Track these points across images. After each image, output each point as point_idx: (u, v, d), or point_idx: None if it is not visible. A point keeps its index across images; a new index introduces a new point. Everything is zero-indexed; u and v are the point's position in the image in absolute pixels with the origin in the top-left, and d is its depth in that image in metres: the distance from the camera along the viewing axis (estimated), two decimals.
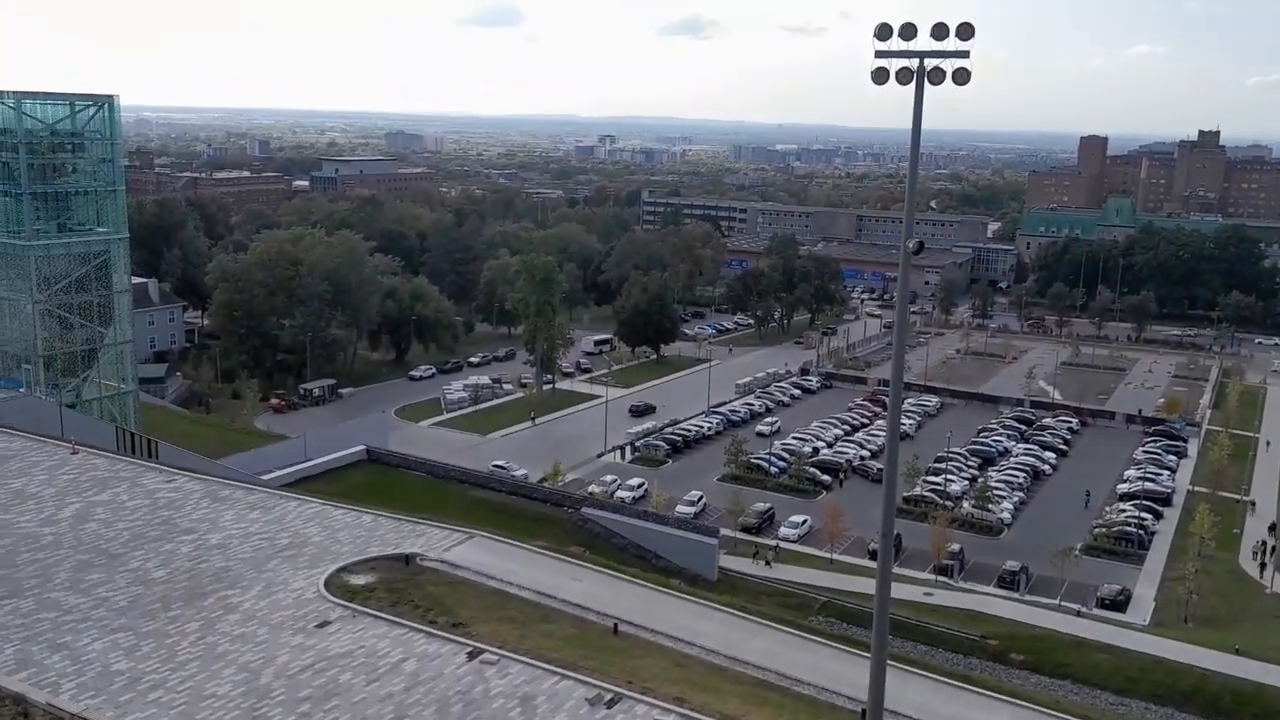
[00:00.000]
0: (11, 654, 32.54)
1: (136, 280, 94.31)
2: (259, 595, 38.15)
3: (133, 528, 45.18)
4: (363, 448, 71.82)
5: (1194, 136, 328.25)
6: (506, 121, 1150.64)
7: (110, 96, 73.94)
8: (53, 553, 41.79)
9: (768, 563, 65.95)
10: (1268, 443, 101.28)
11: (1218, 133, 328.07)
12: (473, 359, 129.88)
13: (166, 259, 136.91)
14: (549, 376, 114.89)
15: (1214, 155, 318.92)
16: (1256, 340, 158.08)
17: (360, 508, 50.67)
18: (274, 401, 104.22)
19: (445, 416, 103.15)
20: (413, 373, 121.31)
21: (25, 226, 69.64)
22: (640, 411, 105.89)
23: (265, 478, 62.07)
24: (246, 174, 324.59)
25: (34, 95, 71.52)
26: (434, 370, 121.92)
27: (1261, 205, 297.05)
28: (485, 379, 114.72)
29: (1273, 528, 75.89)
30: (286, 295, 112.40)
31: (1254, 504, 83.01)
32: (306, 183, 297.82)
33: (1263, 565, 69.85)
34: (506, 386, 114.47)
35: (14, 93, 69.99)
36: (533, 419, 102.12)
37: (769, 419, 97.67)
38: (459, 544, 46.38)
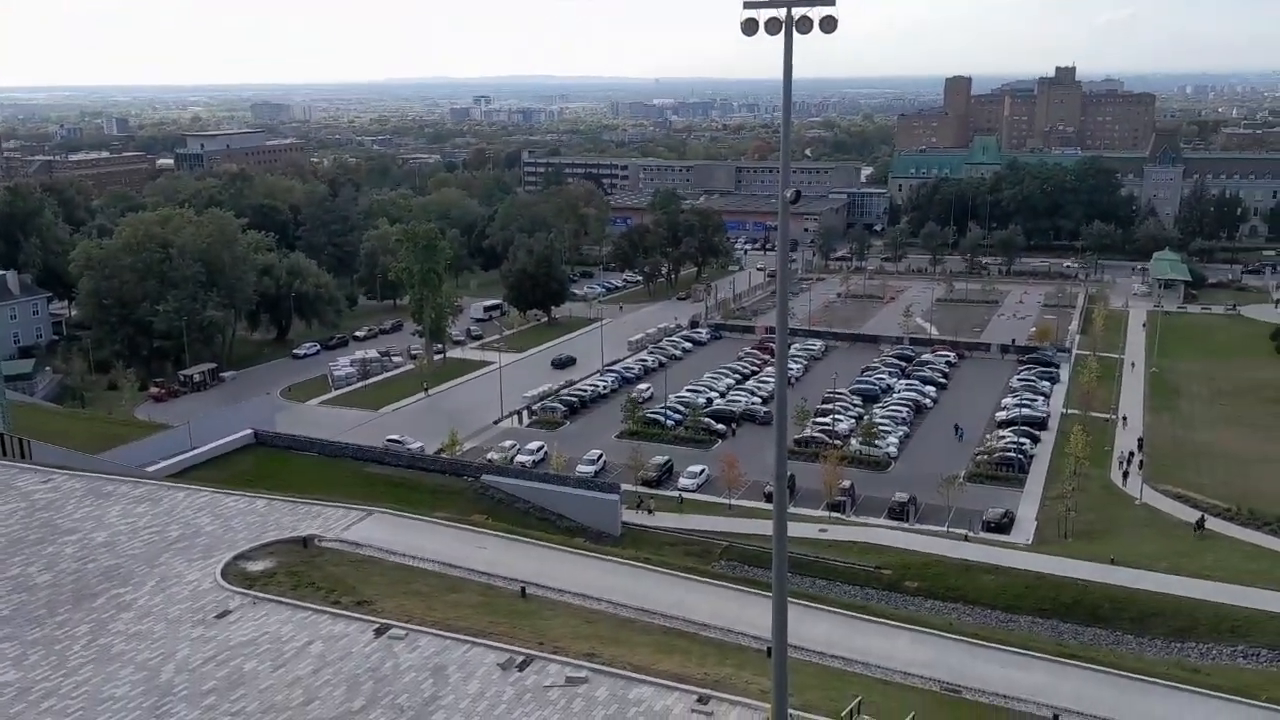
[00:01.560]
0: None
1: None
2: (153, 590, 37.20)
3: (10, 532, 43.38)
4: (250, 431, 70.11)
5: (1052, 74, 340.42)
6: (378, 87, 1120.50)
7: None
8: None
9: (650, 511, 66.95)
10: (1132, 363, 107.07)
11: (1073, 69, 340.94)
12: (358, 333, 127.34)
13: (25, 249, 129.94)
14: (439, 346, 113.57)
15: (1071, 90, 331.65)
16: (1117, 265, 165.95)
17: (252, 493, 49.61)
18: (153, 390, 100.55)
19: (334, 394, 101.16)
20: (296, 351, 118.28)
21: None
22: (562, 364, 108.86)
23: (150, 469, 60.21)
24: (106, 155, 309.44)
25: None
26: (318, 347, 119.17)
27: (1116, 137, 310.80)
28: (373, 353, 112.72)
29: (1140, 442, 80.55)
30: (158, 279, 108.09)
31: (1125, 419, 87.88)
32: (171, 161, 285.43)
33: (1125, 474, 74.29)
34: (396, 359, 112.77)
35: None
36: (425, 390, 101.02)
37: (642, 385, 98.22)
38: (358, 522, 45.94)
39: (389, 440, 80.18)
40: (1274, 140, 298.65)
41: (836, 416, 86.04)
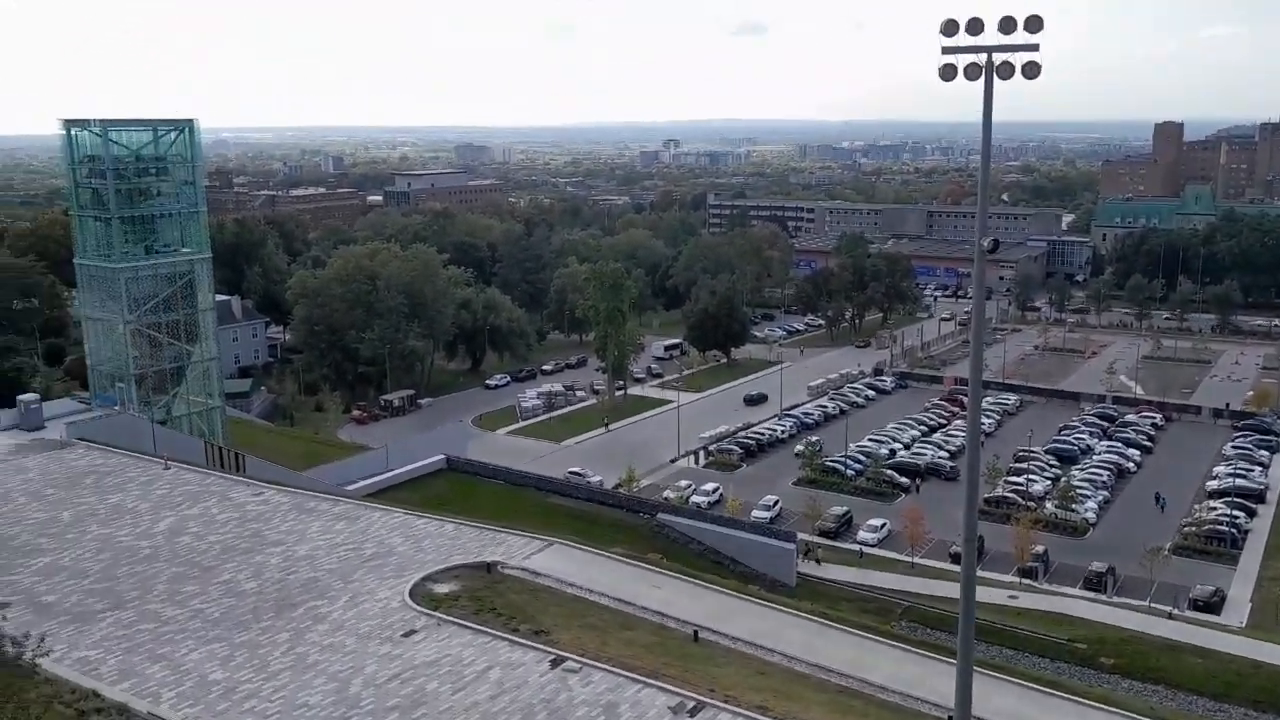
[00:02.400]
0: (115, 664, 33.82)
1: (220, 298, 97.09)
2: (346, 605, 39.06)
3: (224, 540, 46.55)
4: (442, 457, 72.97)
5: (1275, 119, 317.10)
6: (572, 130, 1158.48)
7: (189, 120, 76.30)
8: (150, 565, 43.29)
9: (817, 561, 65.34)
10: None
11: None
12: (545, 367, 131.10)
13: (248, 276, 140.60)
14: (620, 382, 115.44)
15: None
16: None
17: (442, 516, 51.52)
18: (356, 413, 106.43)
19: (520, 424, 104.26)
20: (488, 381, 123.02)
21: (115, 250, 72.20)
22: (754, 401, 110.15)
23: (349, 488, 63.42)
24: (322, 191, 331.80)
25: (119, 123, 74.12)
26: (508, 379, 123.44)
27: None
28: (558, 386, 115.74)
29: None
30: (365, 309, 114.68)
31: None
32: (380, 198, 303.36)
33: None
34: (579, 393, 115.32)
35: (101, 121, 72.59)
36: (606, 425, 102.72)
37: (813, 437, 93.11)
38: (539, 551, 46.91)
39: (570, 472, 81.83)
40: None
41: (1030, 477, 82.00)
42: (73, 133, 72.98)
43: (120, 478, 56.21)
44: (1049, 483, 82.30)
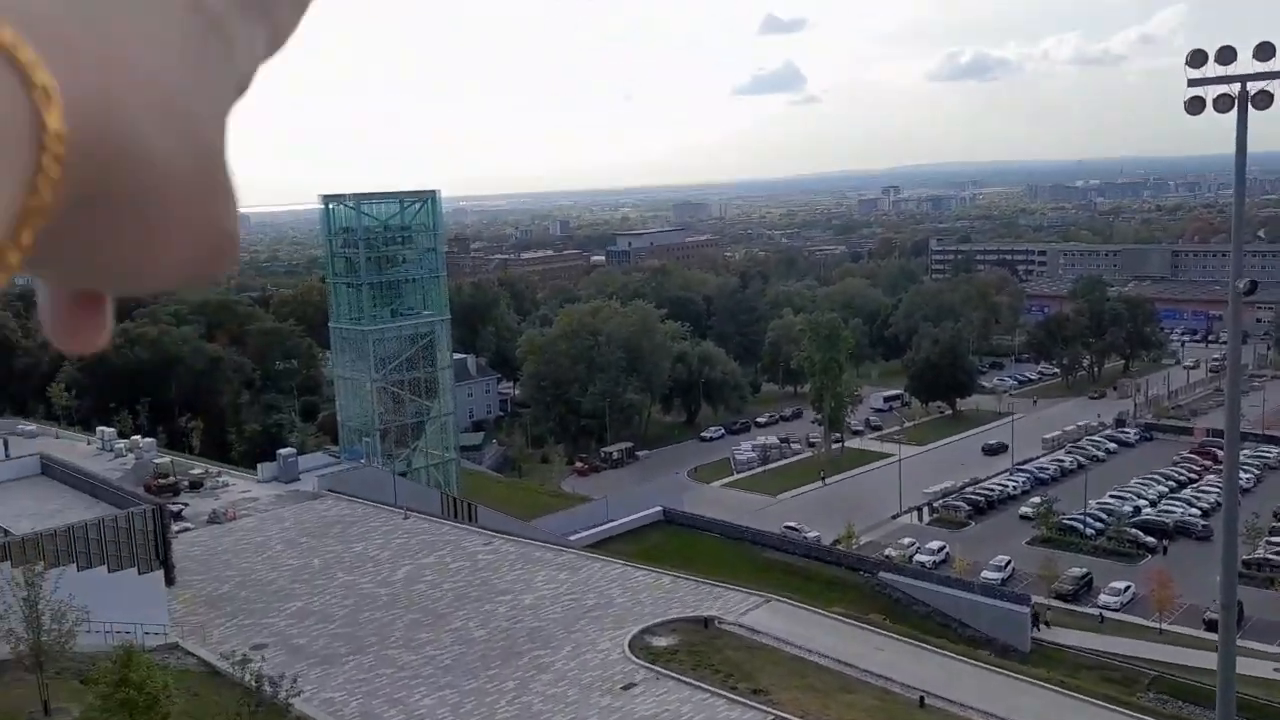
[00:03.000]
0: (356, 707, 36.28)
1: (457, 356, 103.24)
2: (569, 655, 40.25)
3: (456, 588, 49.08)
4: (660, 509, 74.09)
5: None
6: (789, 183, 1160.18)
7: (433, 192, 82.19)
8: (388, 612, 46.22)
9: (1046, 624, 61.24)
10: None
11: None
12: (760, 419, 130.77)
13: (482, 335, 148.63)
14: (837, 435, 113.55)
15: None
16: None
17: (659, 569, 52.30)
18: (578, 464, 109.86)
19: (735, 477, 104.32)
20: (703, 434, 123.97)
21: (364, 313, 78.34)
22: (993, 450, 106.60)
23: (572, 538, 65.42)
24: (550, 253, 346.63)
25: (370, 196, 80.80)
26: (723, 431, 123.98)
27: None
28: (773, 439, 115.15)
29: None
30: (587, 364, 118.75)
31: None
32: (603, 257, 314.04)
33: None
34: (795, 446, 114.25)
35: (355, 195, 79.38)
36: (823, 479, 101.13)
37: (1035, 499, 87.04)
38: (756, 607, 46.73)
39: (786, 527, 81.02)
40: None
41: None
42: (330, 207, 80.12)
43: (364, 527, 60.42)
44: None
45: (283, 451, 75.22)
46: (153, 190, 0.74)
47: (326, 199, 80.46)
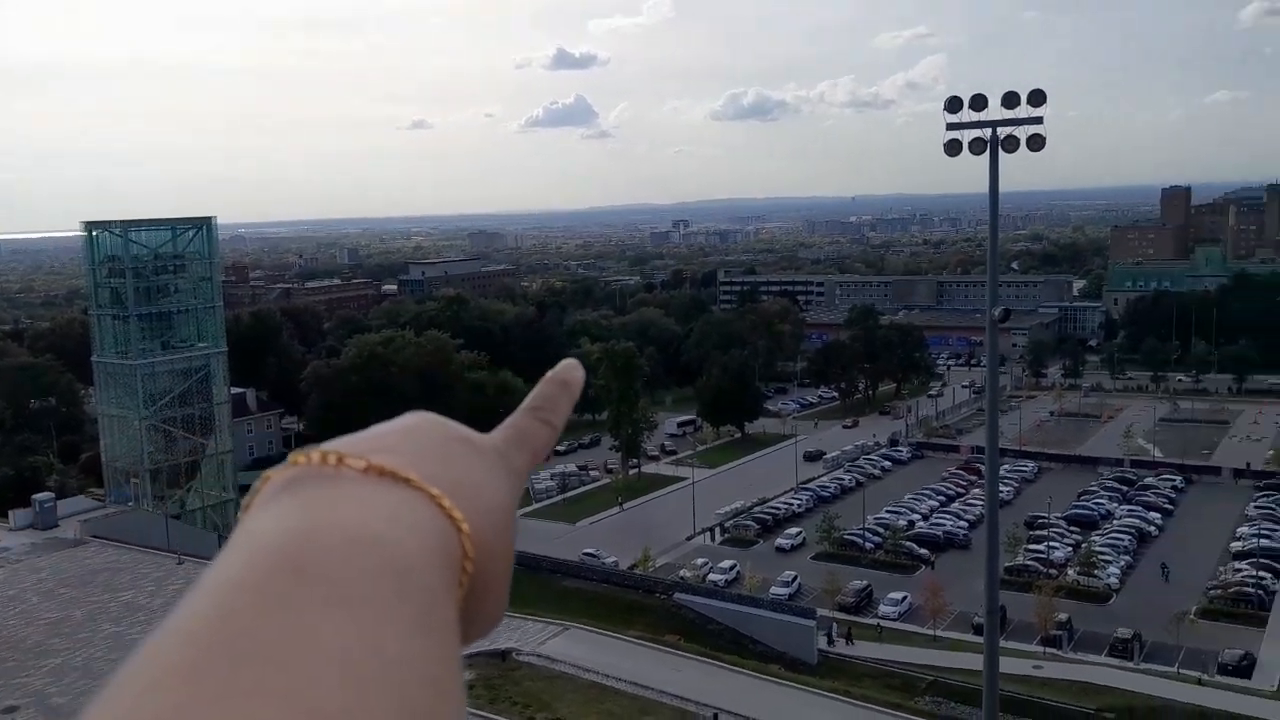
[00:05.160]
0: None
1: (235, 390, 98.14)
2: None
3: None
4: None
5: None
6: (584, 215, 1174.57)
7: (208, 218, 78.21)
8: None
9: (830, 640, 64.09)
10: None
11: None
12: (559, 447, 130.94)
13: (263, 367, 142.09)
14: (634, 460, 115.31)
15: None
16: None
17: None
18: None
19: (534, 506, 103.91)
20: None
21: (132, 347, 73.36)
22: (813, 457, 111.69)
23: None
24: (337, 282, 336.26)
25: (139, 224, 75.99)
26: None
27: None
28: (572, 466, 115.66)
29: None
30: (379, 396, 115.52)
31: None
32: (394, 286, 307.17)
33: None
34: (593, 473, 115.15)
35: (121, 222, 74.41)
36: (620, 504, 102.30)
37: (792, 530, 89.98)
38: (555, 636, 46.62)
39: (585, 554, 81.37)
40: None
41: (1051, 544, 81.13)
42: (94, 234, 74.78)
43: (132, 574, 56.36)
44: (1070, 549, 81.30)
45: (39, 496, 69.15)
46: (492, 580, 1.07)
47: (89, 225, 75.07)
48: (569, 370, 1.46)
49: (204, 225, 77.25)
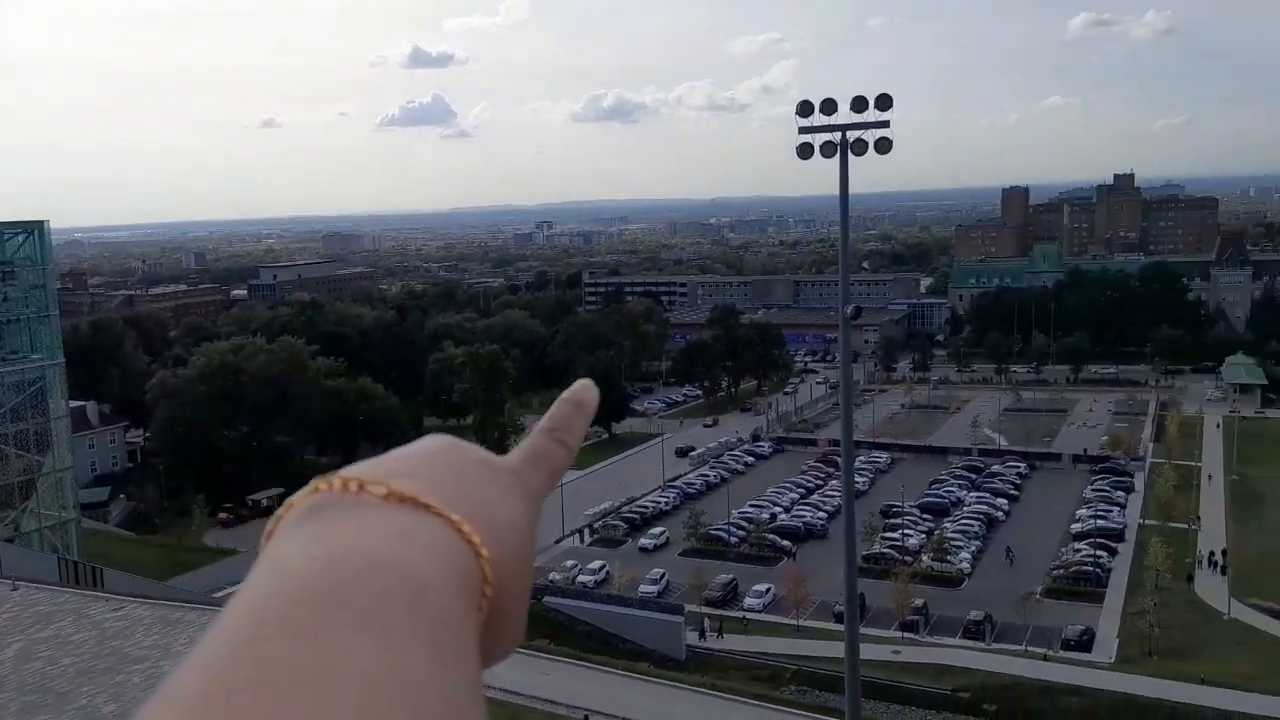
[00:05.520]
0: None
1: (74, 403, 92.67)
2: None
3: (79, 662, 43.78)
4: None
5: (1110, 180, 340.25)
6: (444, 216, 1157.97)
7: (40, 222, 73.66)
8: None
9: (703, 635, 64.98)
10: (1209, 475, 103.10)
11: (1132, 175, 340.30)
12: None
13: (105, 379, 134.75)
14: None
15: (1131, 197, 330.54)
16: (1188, 371, 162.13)
17: None
18: (222, 515, 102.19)
19: None
20: None
21: None
22: (684, 452, 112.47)
23: (219, 595, 60.69)
24: (183, 287, 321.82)
25: None
26: None
27: (1180, 241, 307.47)
28: None
29: (1224, 553, 77.37)
30: (230, 406, 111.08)
31: (1207, 529, 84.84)
32: (245, 291, 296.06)
33: (1219, 568, 72.02)
34: None
35: None
36: None
37: (654, 530, 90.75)
38: None
39: None
40: None
41: (906, 531, 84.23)
42: None
43: None
44: (923, 536, 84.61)
45: None
46: (511, 603, 1.09)
47: None
48: (583, 391, 1.47)
49: (35, 229, 72.72)
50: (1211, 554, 76.67)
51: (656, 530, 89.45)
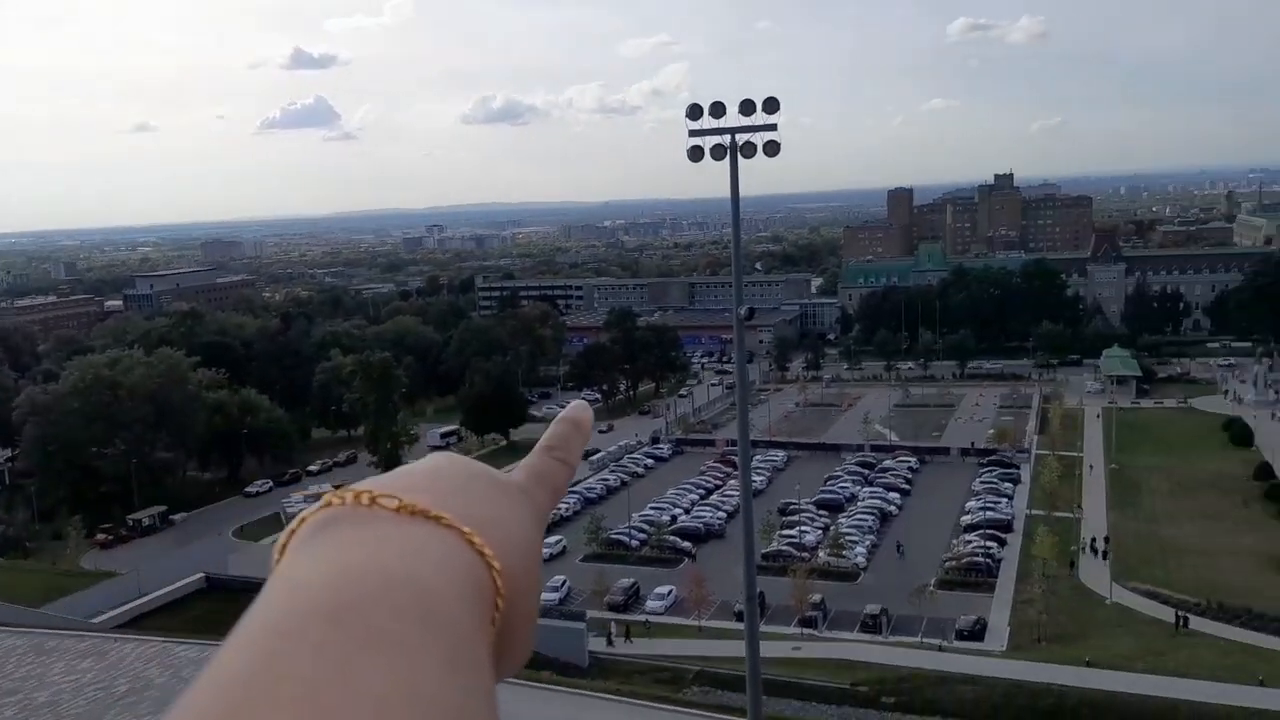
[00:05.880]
0: None
1: None
2: None
3: None
4: (201, 575, 67.62)
5: (991, 181, 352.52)
6: (330, 220, 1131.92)
7: None
8: None
9: (609, 641, 64.62)
10: (1090, 465, 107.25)
11: (1011, 175, 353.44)
12: (312, 467, 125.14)
13: None
14: None
15: (1010, 196, 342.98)
16: (1069, 364, 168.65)
17: (205, 640, 47.52)
18: (100, 536, 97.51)
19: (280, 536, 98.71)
20: (248, 489, 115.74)
21: None
22: (585, 455, 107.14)
23: (97, 620, 57.57)
24: (53, 299, 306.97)
25: None
26: (270, 484, 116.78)
27: (1058, 239, 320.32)
28: (328, 486, 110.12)
29: (1106, 540, 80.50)
30: (105, 422, 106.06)
31: (1089, 518, 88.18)
32: (120, 302, 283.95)
33: (1101, 554, 74.94)
34: None
35: None
36: None
37: (551, 538, 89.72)
38: None
39: None
40: (1208, 236, 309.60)
41: (803, 529, 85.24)
42: None
43: None
44: (820, 532, 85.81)
45: None
46: (521, 617, 1.11)
47: None
48: (579, 410, 1.51)
49: None
50: (1094, 541, 79.76)
51: (553, 539, 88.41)
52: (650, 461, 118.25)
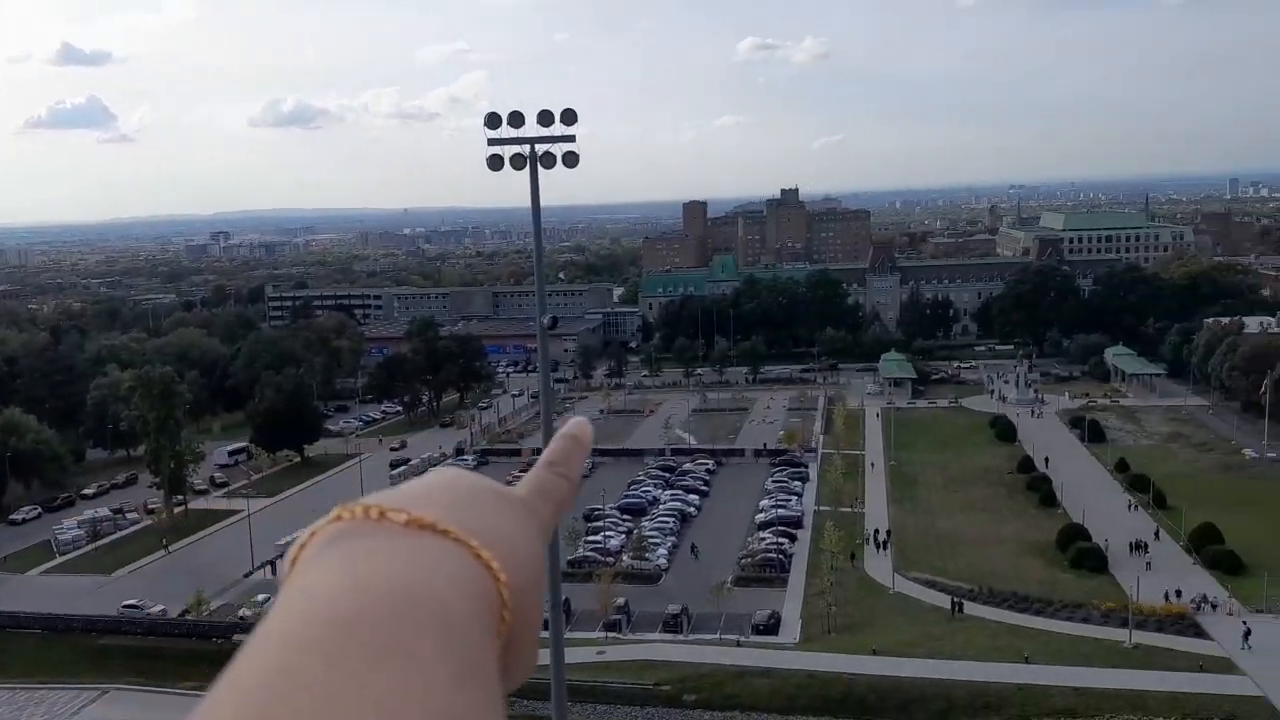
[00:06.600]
0: None
1: None
2: None
3: None
4: None
5: (778, 195, 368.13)
6: (105, 228, 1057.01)
7: None
8: None
9: None
10: (872, 463, 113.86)
11: (797, 190, 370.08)
12: (87, 491, 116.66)
13: None
14: (180, 497, 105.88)
15: (796, 210, 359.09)
16: (851, 368, 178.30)
17: None
18: None
19: (59, 560, 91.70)
20: (13, 516, 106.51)
21: None
22: (397, 464, 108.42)
23: None
24: None
25: None
26: (39, 510, 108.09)
27: (840, 250, 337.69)
28: (105, 510, 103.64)
29: (888, 532, 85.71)
30: None
31: (862, 501, 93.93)
32: None
33: (883, 546, 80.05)
34: (131, 515, 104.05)
35: None
36: (166, 547, 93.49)
37: None
38: (91, 703, 41.49)
39: (125, 606, 73.10)
40: (974, 247, 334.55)
41: (607, 533, 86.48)
42: None
43: None
44: (624, 536, 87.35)
45: None
46: (526, 629, 1.14)
47: None
48: (579, 426, 1.55)
49: None
50: (876, 533, 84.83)
51: None
52: None
